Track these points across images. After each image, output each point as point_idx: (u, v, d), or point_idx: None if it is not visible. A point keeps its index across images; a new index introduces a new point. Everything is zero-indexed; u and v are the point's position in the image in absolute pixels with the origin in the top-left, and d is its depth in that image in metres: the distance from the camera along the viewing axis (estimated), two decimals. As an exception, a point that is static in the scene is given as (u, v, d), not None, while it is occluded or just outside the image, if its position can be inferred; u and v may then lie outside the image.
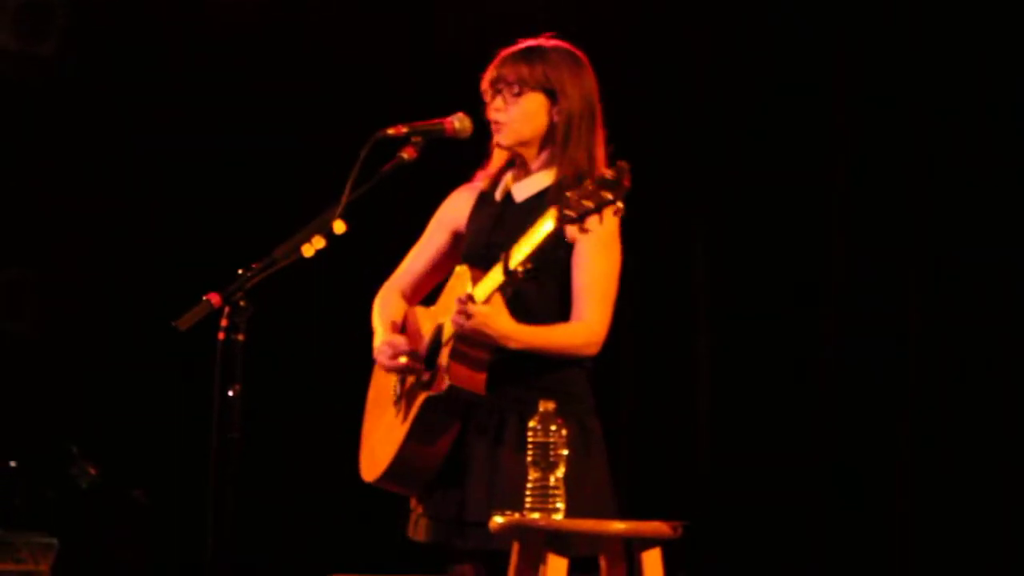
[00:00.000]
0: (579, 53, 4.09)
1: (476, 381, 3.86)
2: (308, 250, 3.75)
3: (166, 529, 6.33)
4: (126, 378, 6.39)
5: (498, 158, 4.15)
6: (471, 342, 3.85)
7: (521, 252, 3.71)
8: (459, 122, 4.01)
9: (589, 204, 3.57)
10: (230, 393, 3.64)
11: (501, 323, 3.81)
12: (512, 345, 3.84)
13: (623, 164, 3.61)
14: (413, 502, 4.09)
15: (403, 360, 4.03)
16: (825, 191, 5.65)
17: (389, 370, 4.08)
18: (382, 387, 4.18)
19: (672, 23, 5.90)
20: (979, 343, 5.38)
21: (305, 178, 5.68)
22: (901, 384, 5.50)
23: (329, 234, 3.76)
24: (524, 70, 4.02)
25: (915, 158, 5.49)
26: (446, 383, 3.85)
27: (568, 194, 3.61)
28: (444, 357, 3.89)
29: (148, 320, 5.08)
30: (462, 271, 3.97)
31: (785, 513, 5.60)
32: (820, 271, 5.66)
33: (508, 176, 4.12)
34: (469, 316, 3.78)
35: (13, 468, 6.40)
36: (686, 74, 5.90)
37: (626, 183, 3.58)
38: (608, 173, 3.59)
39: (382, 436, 4.08)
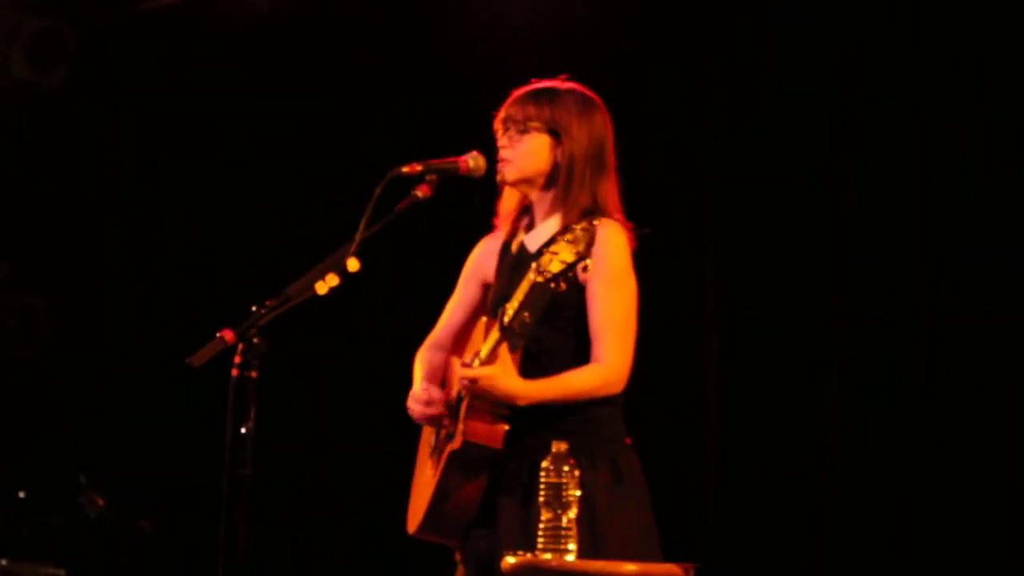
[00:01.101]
0: (594, 96, 4.11)
1: (494, 435, 3.87)
2: (322, 288, 3.75)
3: (174, 562, 6.32)
4: (136, 410, 6.40)
5: (509, 200, 4.17)
6: (483, 399, 3.87)
7: (512, 307, 3.74)
8: (473, 161, 4.02)
9: (560, 266, 3.61)
10: (243, 429, 3.63)
11: (506, 383, 3.82)
12: (521, 403, 3.85)
13: (587, 223, 3.64)
14: (457, 555, 4.10)
15: (433, 410, 4.03)
16: (829, 194, 5.64)
17: (420, 419, 4.08)
18: (427, 440, 4.20)
19: (672, 23, 5.90)
20: (994, 351, 5.35)
21: (325, 211, 5.67)
22: (915, 412, 5.50)
23: (343, 272, 3.76)
24: (531, 110, 4.04)
25: (920, 159, 5.47)
26: (460, 440, 3.87)
27: (544, 251, 3.65)
28: (462, 412, 3.91)
29: (161, 354, 5.08)
30: (481, 322, 4.01)
31: (796, 549, 5.59)
32: (826, 274, 5.65)
33: (523, 223, 4.14)
34: (474, 381, 3.80)
35: (21, 498, 6.39)
36: (686, 75, 5.88)
37: (591, 239, 3.61)
38: (577, 228, 3.62)
39: (421, 489, 4.11)
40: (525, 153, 4.03)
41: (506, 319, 3.76)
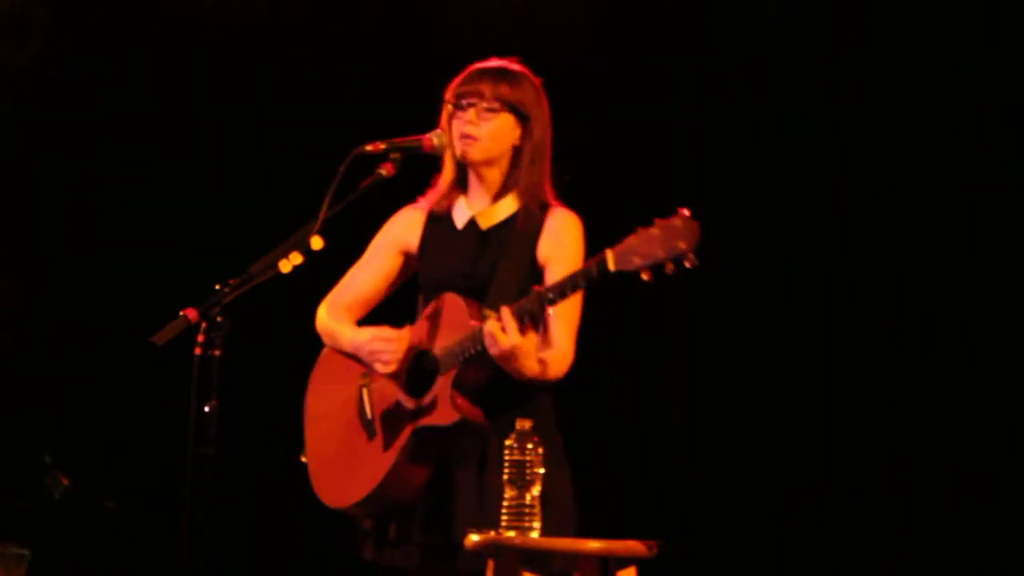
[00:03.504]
0: (538, 82, 4.13)
1: (477, 411, 3.89)
2: (285, 266, 3.75)
3: (139, 541, 6.30)
4: (100, 390, 6.37)
5: (448, 175, 4.16)
6: (477, 370, 3.86)
7: (563, 291, 3.72)
8: (437, 139, 4.04)
9: (659, 253, 3.53)
10: (206, 408, 3.63)
11: (527, 364, 3.82)
12: (516, 376, 3.86)
13: (685, 211, 3.55)
14: (368, 523, 4.08)
15: (400, 356, 3.99)
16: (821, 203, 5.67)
17: (392, 365, 4.01)
18: (331, 404, 4.13)
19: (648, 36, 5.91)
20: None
21: (287, 189, 5.65)
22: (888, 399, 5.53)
23: (306, 250, 3.76)
24: (503, 89, 4.05)
25: (902, 166, 5.50)
26: (455, 415, 3.86)
27: (630, 239, 3.57)
28: (447, 387, 3.89)
29: (124, 333, 5.06)
30: (455, 300, 3.95)
31: (763, 531, 5.61)
32: (808, 277, 5.68)
33: (463, 201, 4.14)
34: (513, 347, 3.76)
35: (-15, 478, 6.37)
36: (655, 79, 5.90)
37: (696, 232, 3.52)
38: (676, 221, 3.53)
39: (353, 461, 4.04)
40: (494, 133, 4.04)
41: (553, 300, 3.73)
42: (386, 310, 4.26)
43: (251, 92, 6.35)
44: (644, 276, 3.55)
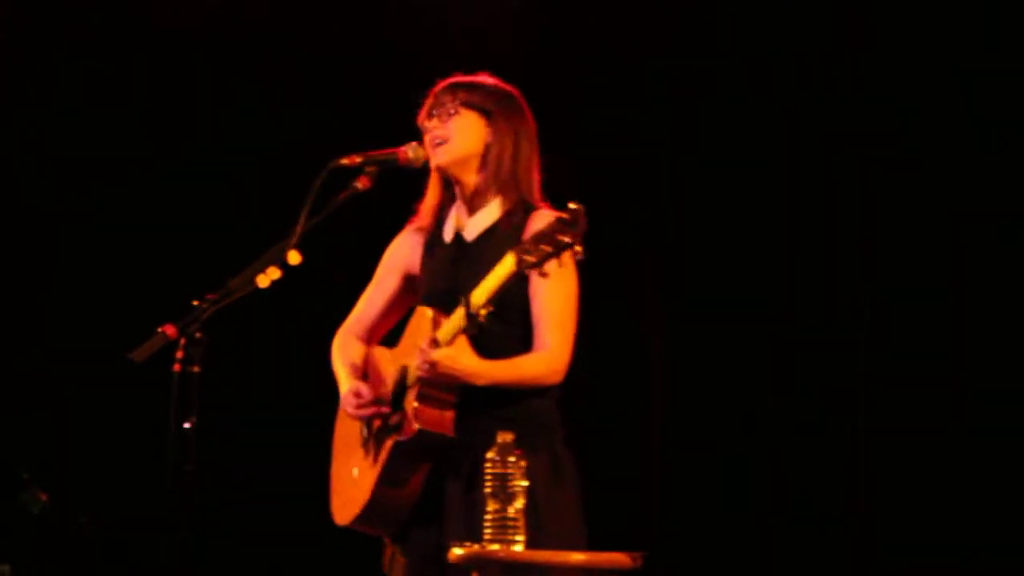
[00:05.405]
0: (514, 91, 4.15)
1: (444, 422, 3.89)
2: (263, 281, 3.76)
3: (118, 557, 6.28)
4: (79, 406, 6.35)
5: (434, 195, 4.17)
6: (437, 385, 3.88)
7: (482, 295, 3.76)
8: (412, 152, 4.05)
9: (547, 248, 3.63)
10: (186, 425, 3.63)
11: (466, 362, 3.85)
12: (480, 382, 3.87)
13: (577, 207, 3.64)
14: (387, 540, 4.09)
15: (369, 409, 4.04)
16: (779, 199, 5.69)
17: (356, 418, 4.09)
18: (348, 429, 4.19)
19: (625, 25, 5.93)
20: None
21: (265, 204, 5.64)
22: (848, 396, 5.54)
23: (284, 265, 3.77)
24: (461, 94, 4.09)
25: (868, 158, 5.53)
26: (414, 427, 3.87)
27: (525, 239, 3.68)
28: (411, 401, 3.91)
29: (103, 350, 5.04)
30: (423, 312, 4.00)
31: (742, 540, 5.62)
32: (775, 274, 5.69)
33: (453, 214, 4.14)
34: (434, 364, 3.81)
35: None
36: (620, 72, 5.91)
37: (582, 225, 3.63)
38: (565, 215, 3.64)
39: (353, 480, 4.09)
40: (458, 131, 4.06)
41: (472, 308, 3.77)
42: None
43: (225, 106, 6.33)
44: (543, 271, 3.65)
